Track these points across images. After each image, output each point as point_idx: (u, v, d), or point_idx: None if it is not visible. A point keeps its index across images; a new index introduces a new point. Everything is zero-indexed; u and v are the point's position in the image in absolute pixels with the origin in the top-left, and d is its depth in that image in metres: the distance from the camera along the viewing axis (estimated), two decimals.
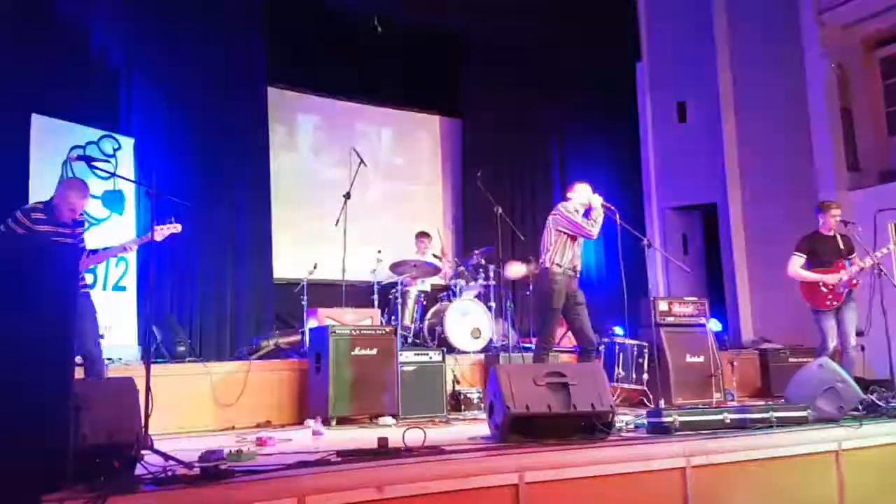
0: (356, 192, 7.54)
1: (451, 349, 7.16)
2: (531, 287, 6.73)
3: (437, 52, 9.90)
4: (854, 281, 6.32)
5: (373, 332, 5.99)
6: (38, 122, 6.46)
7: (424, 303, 8.02)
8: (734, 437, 4.24)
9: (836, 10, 9.09)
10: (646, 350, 6.72)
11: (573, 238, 5.85)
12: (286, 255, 8.76)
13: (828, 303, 6.34)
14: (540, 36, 10.05)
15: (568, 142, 11.17)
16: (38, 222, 4.52)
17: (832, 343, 6.31)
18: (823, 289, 6.33)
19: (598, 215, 5.89)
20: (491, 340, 7.57)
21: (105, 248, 4.94)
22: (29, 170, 6.33)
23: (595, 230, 5.86)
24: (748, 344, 9.20)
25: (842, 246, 6.45)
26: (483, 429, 4.60)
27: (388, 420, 5.65)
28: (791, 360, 7.51)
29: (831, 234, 6.49)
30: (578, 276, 5.97)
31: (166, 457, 3.40)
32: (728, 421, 4.43)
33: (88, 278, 5.26)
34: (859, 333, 7.68)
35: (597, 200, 5.92)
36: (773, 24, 9.66)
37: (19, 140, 6.34)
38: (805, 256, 6.46)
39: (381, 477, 3.22)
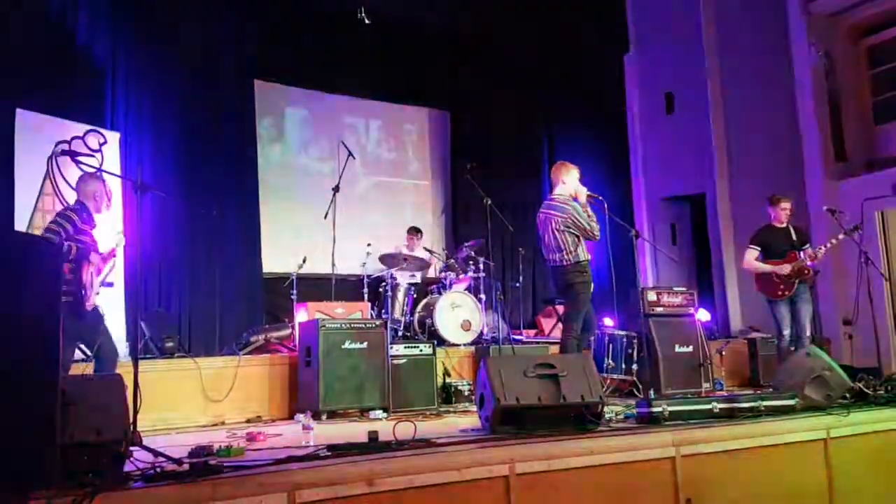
0: (345, 186, 7.52)
1: (442, 342, 7.16)
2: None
3: (426, 45, 9.87)
4: (805, 272, 6.50)
5: (363, 325, 5.98)
6: (22, 116, 6.41)
7: (414, 296, 8.02)
8: (723, 426, 4.26)
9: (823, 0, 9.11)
10: (635, 340, 6.73)
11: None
12: (275, 249, 8.74)
13: (780, 293, 6.60)
14: (528, 28, 10.05)
15: (556, 133, 11.18)
16: (84, 221, 4.74)
17: (787, 331, 6.59)
18: (776, 279, 6.51)
19: (585, 209, 5.85)
20: (481, 333, 7.58)
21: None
22: (14, 165, 6.28)
23: (598, 233, 5.81)
24: (736, 333, 9.24)
25: (794, 237, 6.70)
26: (474, 421, 4.61)
27: (379, 413, 5.65)
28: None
29: (783, 226, 6.75)
30: None
31: (155, 453, 3.38)
32: (717, 410, 4.45)
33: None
34: (847, 322, 7.78)
35: (583, 193, 5.86)
36: (760, 13, 9.66)
37: (4, 135, 6.29)
38: (759, 249, 6.76)
39: (372, 470, 3.22)
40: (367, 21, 8.14)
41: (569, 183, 5.89)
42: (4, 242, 2.81)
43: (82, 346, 4.94)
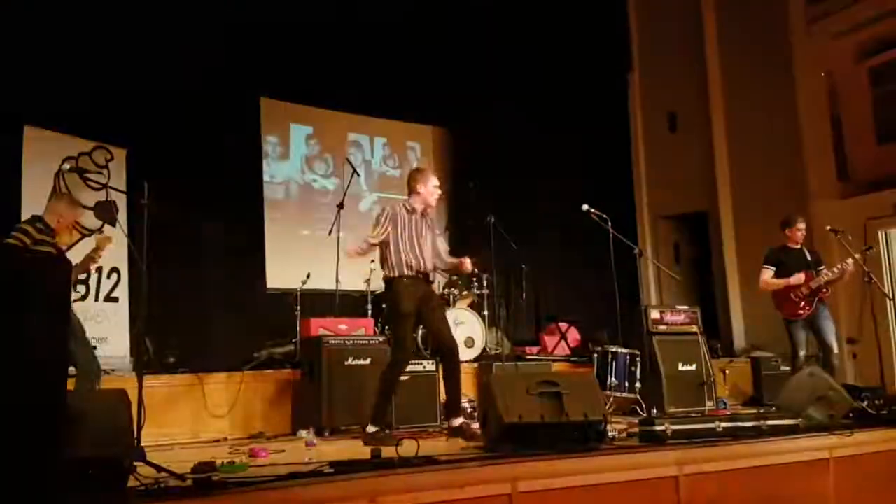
0: (349, 202, 7.55)
1: None
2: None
3: (429, 63, 9.93)
4: (824, 290, 6.44)
5: (366, 342, 5.99)
6: (30, 133, 6.46)
7: None
8: (726, 445, 4.26)
9: (825, 20, 9.16)
10: (638, 358, 6.73)
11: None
12: (279, 264, 8.75)
13: (800, 311, 6.52)
14: (531, 47, 10.11)
15: (558, 151, 11.20)
16: (40, 231, 4.79)
17: (802, 352, 6.53)
18: (795, 298, 6.47)
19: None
20: (484, 350, 7.57)
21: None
22: (21, 181, 6.32)
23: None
24: (740, 352, 9.22)
25: (809, 258, 6.64)
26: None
27: None
28: (783, 368, 7.53)
29: (798, 247, 6.68)
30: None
31: (159, 469, 3.39)
32: (720, 429, 4.43)
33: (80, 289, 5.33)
34: (851, 341, 7.77)
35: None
36: (762, 34, 9.73)
37: (11, 151, 6.33)
38: (774, 268, 6.66)
39: (375, 488, 3.22)
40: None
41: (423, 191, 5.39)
42: (13, 259, 2.84)
43: None
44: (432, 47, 9.76)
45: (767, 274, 6.67)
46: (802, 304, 6.47)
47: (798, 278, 6.46)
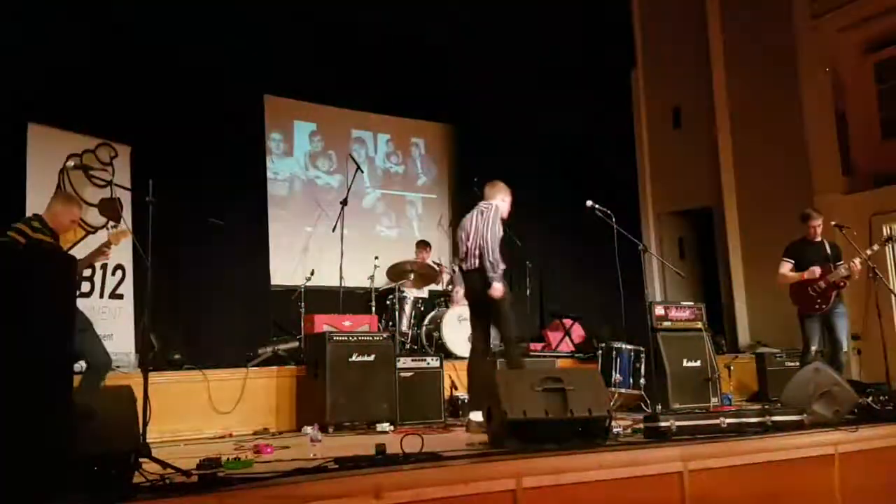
0: (353, 199, 7.56)
1: (449, 355, 7.17)
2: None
3: (433, 59, 9.92)
4: (841, 284, 6.40)
5: (370, 338, 5.99)
6: (34, 130, 6.46)
7: (422, 309, 8.03)
8: (731, 441, 4.25)
9: (830, 15, 9.13)
10: (643, 355, 6.72)
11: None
12: (283, 261, 8.77)
13: (816, 306, 6.47)
14: (534, 43, 10.09)
15: (562, 147, 11.18)
16: (36, 230, 4.76)
17: (814, 347, 6.48)
18: (811, 293, 6.43)
19: None
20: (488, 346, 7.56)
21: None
22: (26, 179, 6.33)
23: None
24: (745, 348, 9.21)
25: (829, 252, 6.56)
26: (480, 434, 4.61)
27: (386, 426, 5.65)
28: (787, 363, 7.52)
29: (818, 240, 6.60)
30: None
31: (164, 465, 3.40)
32: (725, 425, 4.44)
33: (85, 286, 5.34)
34: (856, 337, 7.75)
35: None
36: (767, 28, 9.70)
37: (16, 149, 6.34)
38: (792, 262, 6.61)
39: (380, 483, 3.22)
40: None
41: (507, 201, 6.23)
42: (20, 255, 2.84)
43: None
44: (436, 43, 9.74)
45: (785, 267, 6.64)
46: (819, 299, 6.43)
47: (812, 272, 6.43)
